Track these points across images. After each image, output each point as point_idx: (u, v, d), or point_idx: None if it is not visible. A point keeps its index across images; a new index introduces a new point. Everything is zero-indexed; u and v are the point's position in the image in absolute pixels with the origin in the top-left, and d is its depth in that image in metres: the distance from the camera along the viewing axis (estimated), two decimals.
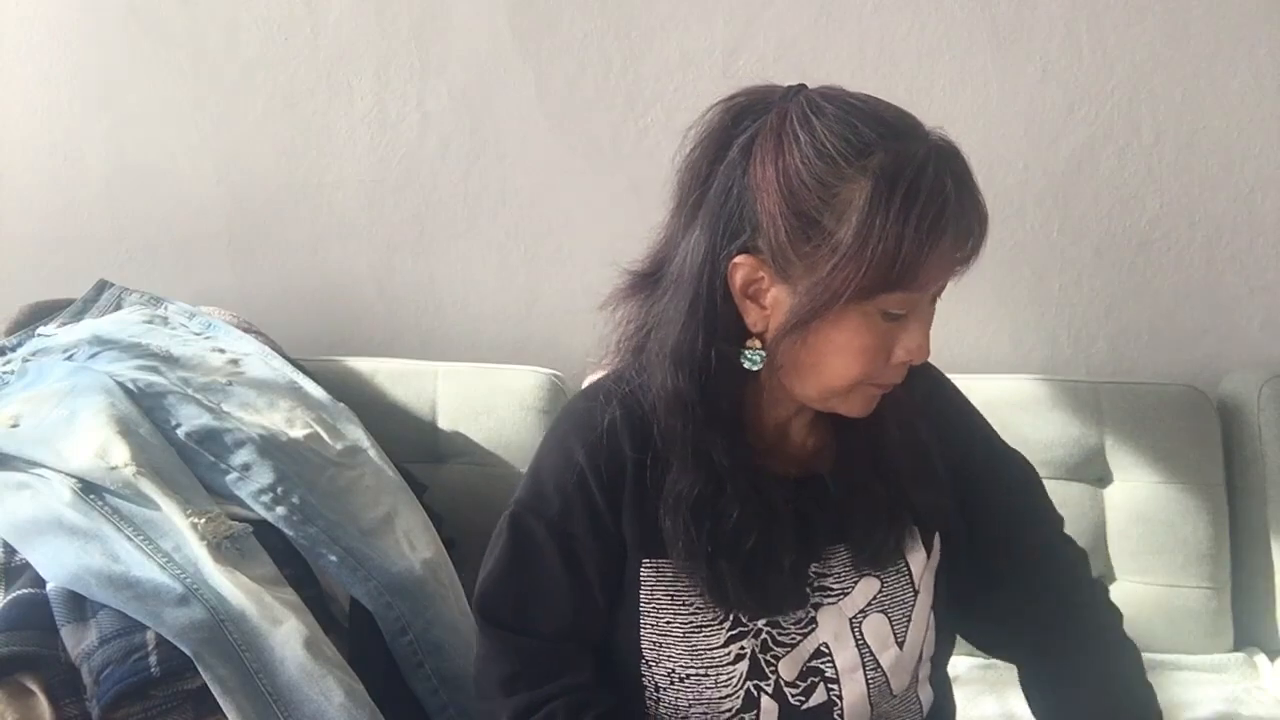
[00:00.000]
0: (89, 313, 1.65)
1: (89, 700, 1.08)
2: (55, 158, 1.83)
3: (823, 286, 0.85)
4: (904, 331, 0.88)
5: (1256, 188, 1.72)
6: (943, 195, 0.83)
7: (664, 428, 0.93)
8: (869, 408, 0.93)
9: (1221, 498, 1.61)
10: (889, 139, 0.84)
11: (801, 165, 0.85)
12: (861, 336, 0.87)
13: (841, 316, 0.86)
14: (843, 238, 0.83)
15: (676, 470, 0.93)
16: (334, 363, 1.68)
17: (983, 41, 1.70)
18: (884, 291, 0.84)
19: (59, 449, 1.26)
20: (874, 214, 0.82)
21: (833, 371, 0.89)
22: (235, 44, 1.78)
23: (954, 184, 0.84)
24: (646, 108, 1.75)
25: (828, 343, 0.88)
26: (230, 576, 1.16)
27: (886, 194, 0.82)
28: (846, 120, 0.85)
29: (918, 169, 0.83)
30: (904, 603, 0.99)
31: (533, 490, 0.99)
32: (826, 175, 0.84)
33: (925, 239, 0.82)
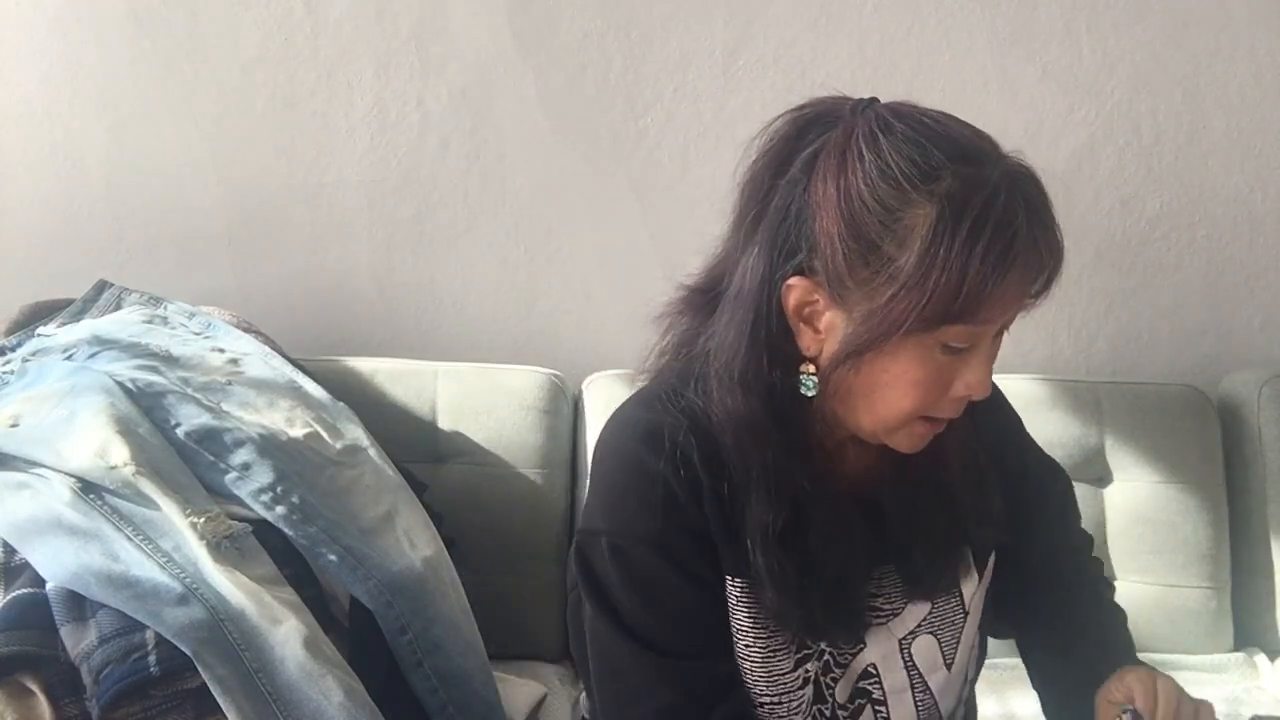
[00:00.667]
0: (89, 313, 1.64)
1: (89, 700, 1.08)
2: (55, 158, 1.83)
3: (880, 316, 0.81)
4: (965, 365, 0.84)
5: (1256, 188, 1.72)
6: (1013, 226, 0.79)
7: (739, 453, 0.89)
8: (919, 445, 0.89)
9: (1221, 498, 1.61)
10: (959, 162, 0.80)
11: (864, 186, 0.81)
12: (918, 369, 0.83)
13: (899, 348, 0.82)
14: (904, 265, 0.79)
15: (758, 499, 0.89)
16: (334, 363, 1.68)
17: (983, 41, 1.70)
18: (945, 324, 0.80)
19: (59, 449, 1.26)
20: (938, 242, 0.78)
21: (886, 404, 0.85)
22: (235, 44, 1.78)
23: (1026, 213, 0.80)
24: (646, 108, 1.75)
25: (883, 373, 0.84)
26: (230, 576, 1.16)
27: (953, 222, 0.78)
28: (916, 140, 0.81)
29: (988, 196, 0.79)
30: (954, 625, 0.97)
31: (617, 513, 0.93)
32: (890, 198, 0.80)
33: (992, 271, 0.78)
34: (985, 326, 0.82)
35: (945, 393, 0.85)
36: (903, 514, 0.94)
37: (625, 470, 0.93)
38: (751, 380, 0.88)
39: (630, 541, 0.91)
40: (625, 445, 0.93)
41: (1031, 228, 0.81)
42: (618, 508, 0.93)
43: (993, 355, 0.86)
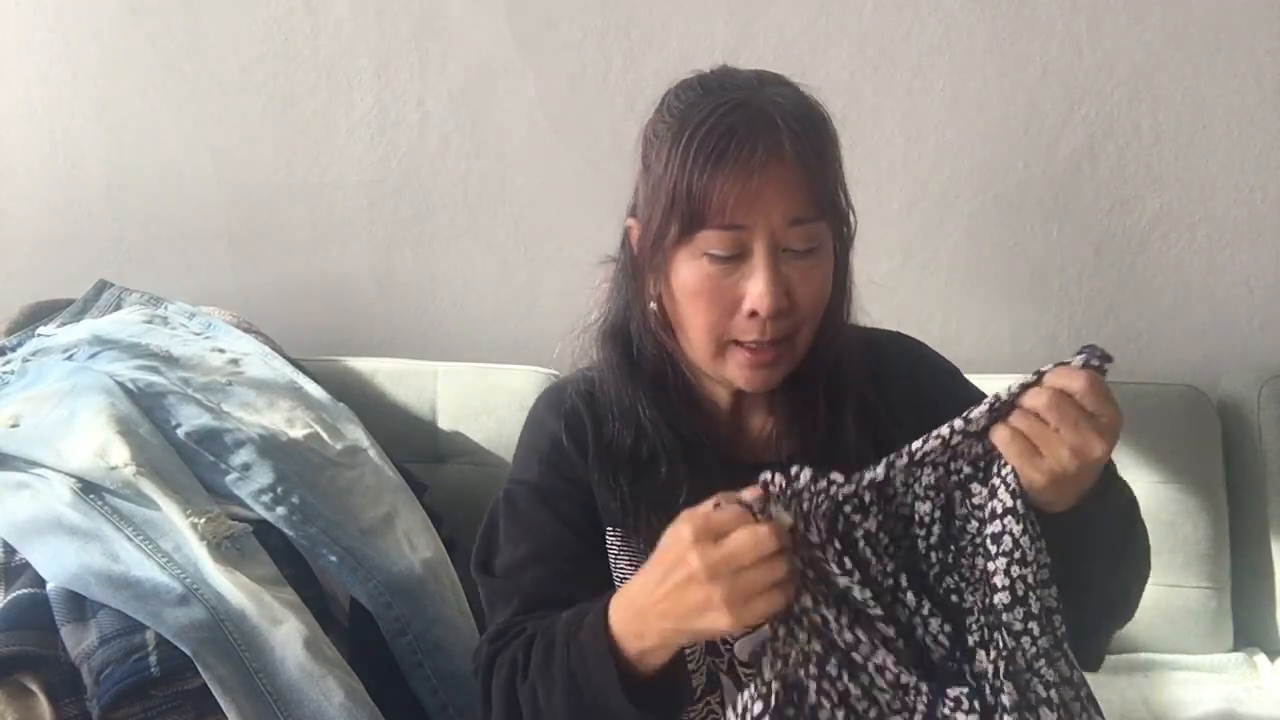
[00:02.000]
0: (89, 313, 1.65)
1: (89, 700, 1.08)
2: (55, 158, 1.83)
3: (645, 227, 0.93)
4: (744, 279, 0.89)
5: (1256, 188, 1.72)
6: (726, 128, 0.87)
7: (617, 404, 0.99)
8: (754, 377, 0.93)
9: (1221, 498, 1.61)
10: (712, 91, 0.91)
11: (653, 122, 0.95)
12: (694, 279, 0.90)
13: (675, 262, 0.91)
14: (653, 178, 0.91)
15: (612, 428, 0.98)
16: (334, 363, 1.68)
17: (983, 41, 1.70)
18: (693, 228, 0.88)
19: (59, 449, 1.26)
20: (668, 150, 0.89)
21: (689, 324, 0.92)
22: (235, 44, 1.78)
23: (748, 121, 0.87)
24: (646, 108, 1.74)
25: (679, 292, 0.92)
26: (230, 576, 1.16)
27: (679, 132, 0.89)
28: (698, 84, 0.93)
29: (712, 109, 0.88)
30: None
31: (515, 465, 1.05)
32: (659, 126, 0.93)
33: (703, 167, 0.86)
34: (733, 232, 0.88)
35: (735, 310, 0.90)
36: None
37: (528, 428, 1.07)
38: (610, 327, 1.01)
39: (516, 484, 1.02)
40: (535, 408, 1.07)
41: (753, 131, 0.87)
42: (516, 460, 1.06)
43: (770, 270, 0.89)
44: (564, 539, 0.98)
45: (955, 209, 1.74)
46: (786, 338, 0.92)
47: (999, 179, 1.73)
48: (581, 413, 1.01)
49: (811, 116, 0.91)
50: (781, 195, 0.88)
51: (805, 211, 0.89)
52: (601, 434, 0.99)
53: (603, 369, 1.01)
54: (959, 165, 1.73)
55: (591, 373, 1.04)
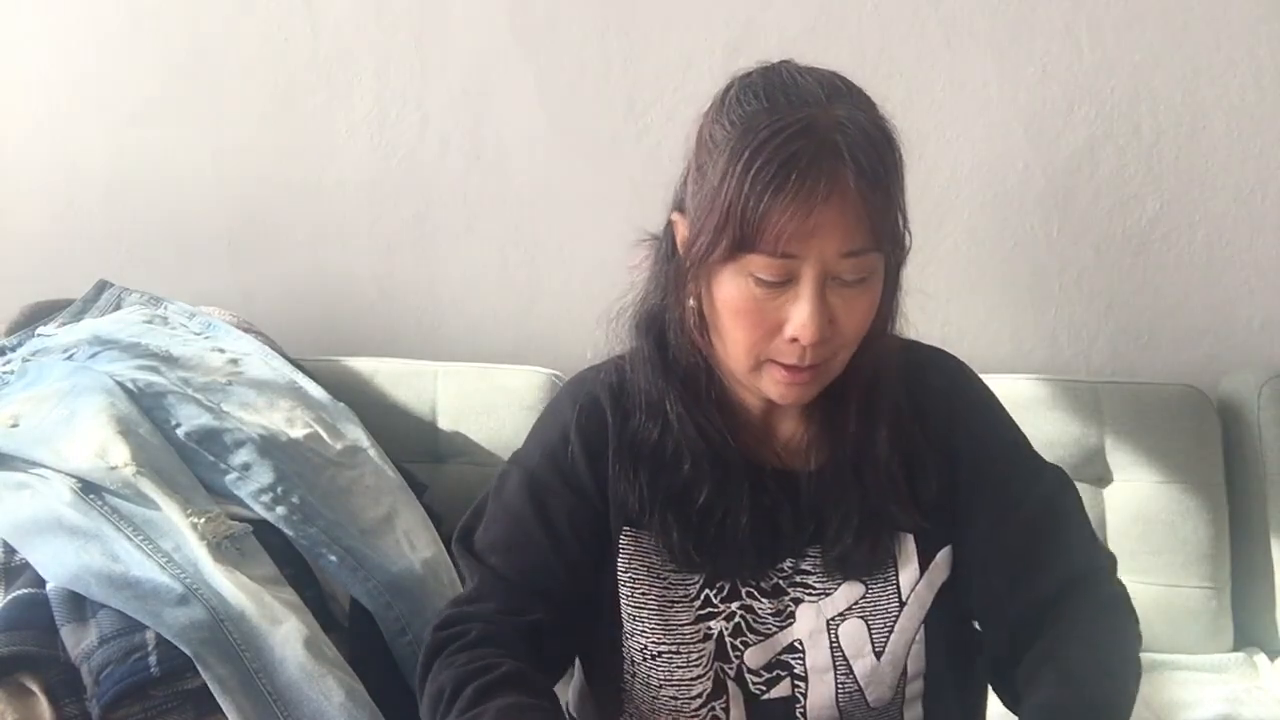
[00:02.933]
0: (89, 313, 1.65)
1: (89, 700, 1.08)
2: (55, 158, 1.83)
3: (694, 236, 0.89)
4: (788, 305, 0.86)
5: (1256, 188, 1.72)
6: (789, 156, 0.82)
7: (632, 386, 0.98)
8: (788, 393, 0.91)
9: (1221, 498, 1.61)
10: (778, 104, 0.86)
11: (710, 121, 0.90)
12: (737, 299, 0.87)
13: (720, 276, 0.88)
14: (707, 189, 0.87)
15: (638, 421, 0.97)
16: (334, 363, 1.68)
17: (983, 41, 1.70)
18: (742, 250, 0.85)
19: (59, 449, 1.26)
20: (728, 165, 0.84)
21: (727, 337, 0.90)
22: (235, 44, 1.78)
23: (813, 151, 0.82)
24: (646, 108, 1.75)
25: (719, 303, 0.89)
26: (230, 576, 1.16)
27: (740, 148, 0.84)
28: (760, 87, 0.88)
29: (778, 128, 0.83)
30: (887, 613, 0.96)
31: (523, 444, 1.04)
32: (717, 130, 0.88)
33: (761, 194, 0.82)
34: (784, 260, 0.84)
35: (777, 333, 0.88)
36: (820, 487, 0.96)
37: (546, 412, 1.06)
38: (644, 318, 0.98)
39: (513, 466, 1.02)
40: (559, 394, 1.05)
41: (817, 162, 0.82)
42: (526, 439, 1.04)
43: (816, 299, 0.86)
44: (535, 536, 0.97)
45: (955, 209, 1.74)
46: (825, 361, 0.90)
47: (999, 179, 1.73)
48: (604, 406, 0.99)
49: (879, 144, 0.86)
50: (838, 229, 0.84)
51: (860, 244, 0.85)
52: (626, 426, 0.98)
53: (635, 359, 0.99)
54: (959, 165, 1.73)
55: (623, 361, 1.01)
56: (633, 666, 0.99)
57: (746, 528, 0.95)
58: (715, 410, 0.97)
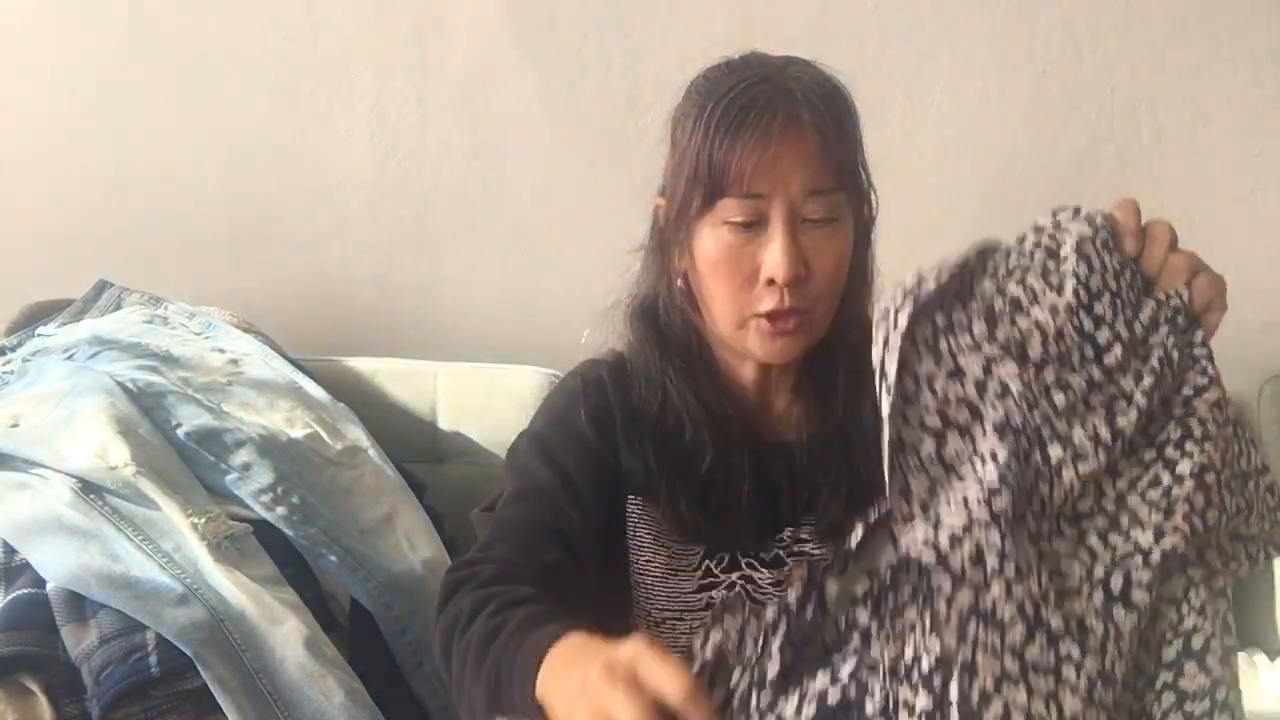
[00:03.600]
0: (89, 313, 1.64)
1: (89, 700, 1.08)
2: (55, 158, 1.83)
3: (670, 200, 0.96)
4: (762, 249, 0.91)
5: (1256, 188, 1.72)
6: (746, 100, 0.90)
7: (631, 367, 1.02)
8: (774, 348, 0.95)
9: None
10: (735, 70, 0.94)
11: (680, 103, 0.98)
12: (715, 249, 0.92)
13: (698, 234, 0.93)
14: (678, 153, 0.95)
15: (639, 395, 1.01)
16: (334, 363, 1.68)
17: (983, 41, 1.70)
18: (714, 198, 0.91)
19: (59, 449, 1.26)
20: (694, 122, 0.92)
21: (712, 295, 0.94)
22: (235, 44, 1.78)
23: (769, 94, 0.90)
24: (646, 108, 1.75)
25: (701, 263, 0.94)
26: (230, 576, 1.16)
27: (703, 104, 0.92)
28: (721, 64, 0.97)
29: (735, 83, 0.92)
30: None
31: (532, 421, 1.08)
32: (685, 104, 0.96)
33: (723, 136, 0.89)
34: (751, 200, 0.90)
35: (755, 279, 0.92)
36: (811, 458, 1.00)
37: (552, 393, 1.11)
38: (642, 307, 1.03)
39: (524, 437, 1.05)
40: (561, 381, 1.11)
41: (773, 103, 0.90)
42: (532, 419, 1.08)
43: (788, 239, 0.90)
44: (546, 482, 0.99)
45: (955, 209, 1.74)
46: (806, 309, 0.93)
47: (999, 179, 1.73)
48: (606, 383, 1.03)
49: (831, 92, 0.93)
50: (799, 165, 0.90)
51: (823, 182, 0.91)
52: (628, 401, 1.01)
53: (632, 344, 1.03)
54: (959, 165, 1.73)
55: (621, 351, 1.06)
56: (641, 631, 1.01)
57: (748, 498, 0.98)
58: (711, 381, 1.01)
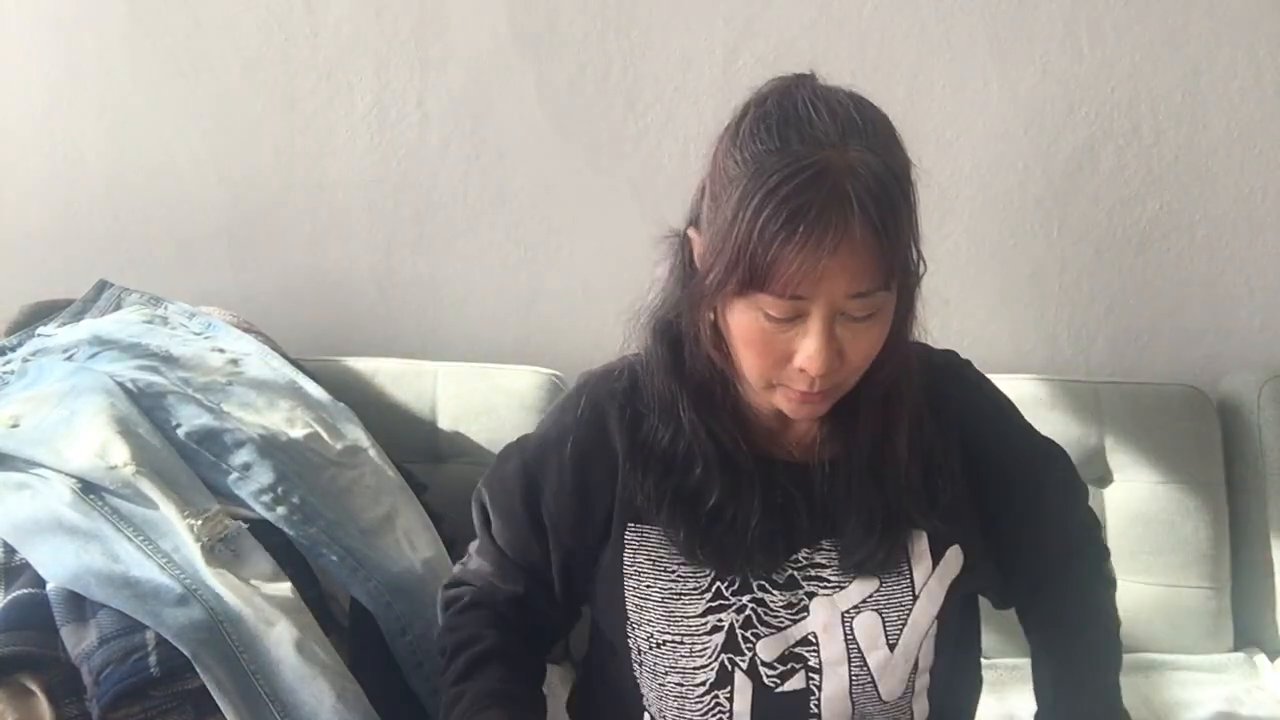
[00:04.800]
0: (89, 313, 1.64)
1: (89, 700, 1.08)
2: (55, 158, 1.83)
3: (705, 269, 0.90)
4: (798, 339, 0.88)
5: (1256, 188, 1.72)
6: (798, 207, 0.82)
7: (646, 387, 1.00)
8: (800, 411, 0.93)
9: (1221, 498, 1.61)
10: (790, 141, 0.85)
11: (725, 150, 0.89)
12: (749, 331, 0.89)
13: (733, 307, 0.89)
14: (719, 223, 0.87)
15: (650, 424, 1.00)
16: (334, 363, 1.68)
17: (983, 41, 1.70)
18: (751, 289, 0.86)
19: (59, 449, 1.26)
20: (740, 205, 0.85)
21: (742, 361, 0.92)
22: (235, 44, 1.78)
23: (822, 200, 0.82)
24: (646, 108, 1.75)
25: (732, 328, 0.91)
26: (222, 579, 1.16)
27: (753, 189, 0.84)
28: (773, 118, 0.87)
29: (791, 171, 0.83)
30: (901, 606, 0.99)
31: (535, 430, 1.09)
32: (730, 164, 0.88)
33: (771, 239, 0.83)
34: (792, 301, 0.85)
35: (787, 362, 0.89)
36: (836, 482, 0.99)
37: (556, 409, 1.09)
38: (659, 323, 1.00)
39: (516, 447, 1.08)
40: (570, 394, 1.08)
41: (826, 212, 0.82)
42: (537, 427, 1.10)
43: (826, 334, 0.87)
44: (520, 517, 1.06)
45: (955, 209, 1.74)
46: (835, 386, 0.92)
47: (999, 179, 1.73)
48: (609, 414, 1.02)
49: (889, 188, 0.85)
50: (845, 273, 0.84)
51: (868, 285, 0.86)
52: (639, 429, 1.00)
53: (650, 362, 1.01)
54: (959, 165, 1.73)
55: (638, 361, 1.03)
56: (640, 655, 1.02)
57: (756, 529, 0.97)
58: (728, 415, 0.98)
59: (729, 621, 0.98)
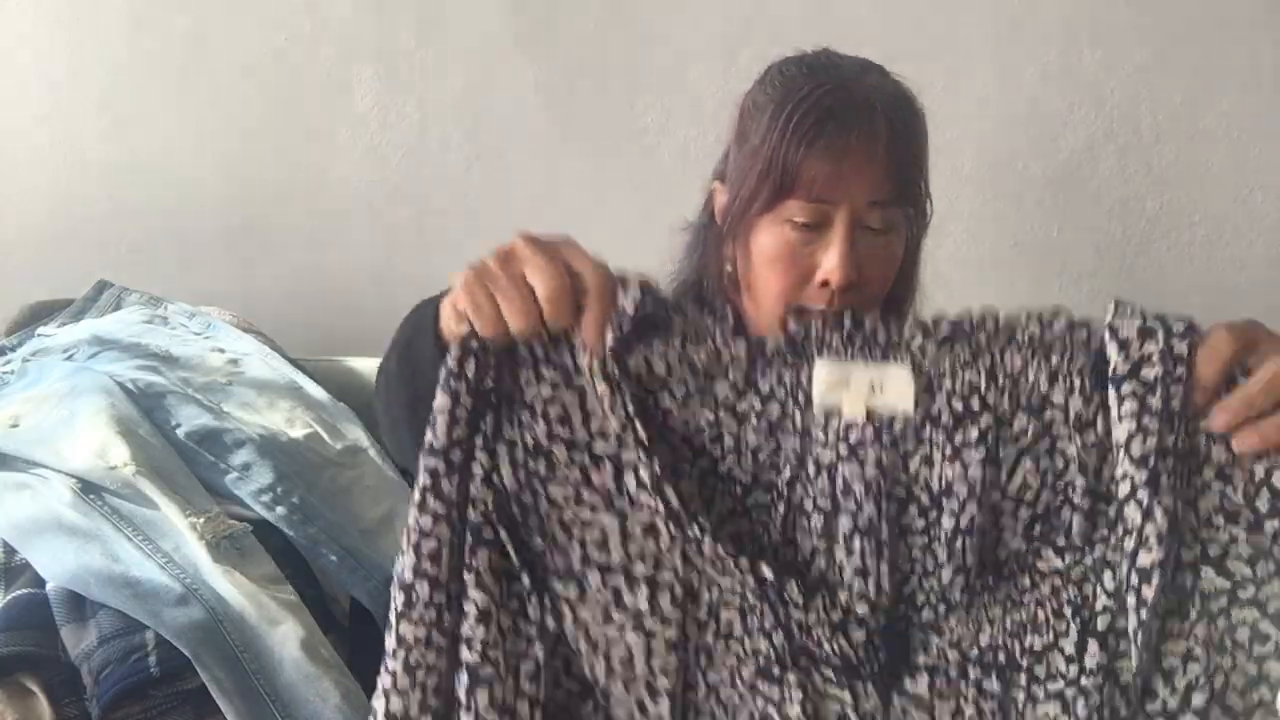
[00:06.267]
0: (89, 313, 1.65)
1: (89, 700, 1.08)
2: (55, 157, 1.83)
3: (735, 193, 0.97)
4: (820, 250, 0.93)
5: (1256, 188, 1.72)
6: (826, 110, 0.92)
7: None
8: None
9: None
10: (816, 71, 0.96)
11: (753, 92, 0.99)
12: (774, 246, 0.94)
13: (758, 229, 0.95)
14: (749, 147, 0.96)
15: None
16: (334, 363, 1.68)
17: (983, 41, 1.70)
18: (780, 197, 0.92)
19: (59, 449, 1.26)
20: (772, 121, 0.93)
21: (762, 288, 0.96)
22: (235, 44, 1.78)
23: (848, 106, 0.92)
24: (646, 108, 1.75)
25: (756, 257, 0.96)
26: (229, 577, 1.16)
27: (780, 107, 0.93)
28: (799, 60, 0.99)
29: (814, 88, 0.93)
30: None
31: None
32: (760, 97, 0.98)
33: (799, 143, 0.91)
34: (818, 205, 0.92)
35: (809, 278, 0.94)
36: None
37: None
38: (684, 286, 1.05)
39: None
40: None
41: (852, 115, 0.92)
42: None
43: (847, 244, 0.92)
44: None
45: (955, 209, 1.74)
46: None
47: (999, 179, 1.73)
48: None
49: (907, 110, 0.97)
50: (868, 178, 0.92)
51: (887, 194, 0.93)
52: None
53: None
54: (959, 165, 1.73)
55: None
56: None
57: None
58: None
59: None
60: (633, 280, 0.74)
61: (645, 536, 0.73)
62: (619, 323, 0.73)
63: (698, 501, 0.74)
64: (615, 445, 0.73)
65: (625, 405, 0.73)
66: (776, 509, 0.75)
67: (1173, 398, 0.70)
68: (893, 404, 0.73)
